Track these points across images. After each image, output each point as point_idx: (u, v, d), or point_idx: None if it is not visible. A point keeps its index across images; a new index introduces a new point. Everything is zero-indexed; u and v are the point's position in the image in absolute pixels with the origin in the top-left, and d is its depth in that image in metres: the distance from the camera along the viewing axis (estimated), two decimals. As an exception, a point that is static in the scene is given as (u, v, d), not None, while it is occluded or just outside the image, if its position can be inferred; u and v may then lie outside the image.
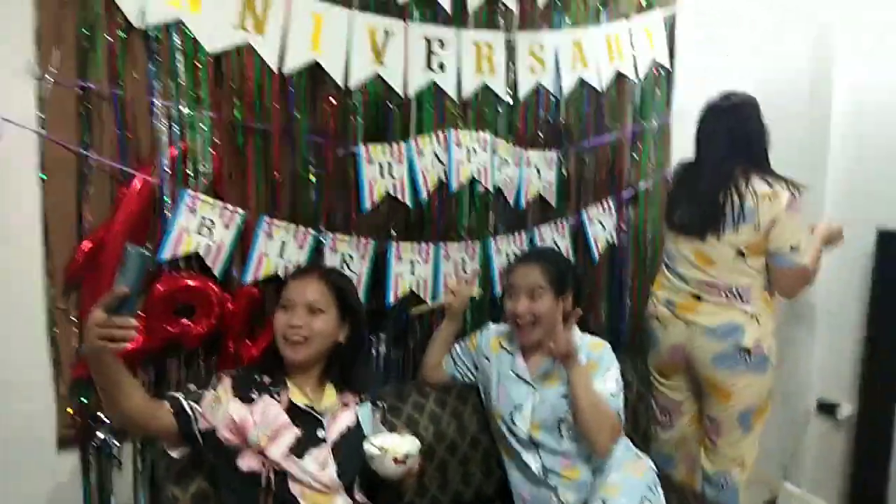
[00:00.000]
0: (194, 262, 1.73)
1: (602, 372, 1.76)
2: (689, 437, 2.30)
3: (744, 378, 2.06)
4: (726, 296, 2.07)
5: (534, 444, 1.76)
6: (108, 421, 1.68)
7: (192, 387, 1.50)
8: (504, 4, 2.07)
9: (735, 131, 2.07)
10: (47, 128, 1.57)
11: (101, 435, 1.68)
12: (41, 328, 1.63)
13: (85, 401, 1.67)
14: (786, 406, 2.71)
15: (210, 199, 1.72)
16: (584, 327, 1.90)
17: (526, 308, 1.79)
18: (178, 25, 1.65)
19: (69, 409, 1.66)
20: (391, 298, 1.99)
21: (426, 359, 2.01)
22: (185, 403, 1.44)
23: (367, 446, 1.44)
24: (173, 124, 1.68)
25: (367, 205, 1.93)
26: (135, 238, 1.64)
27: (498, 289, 2.16)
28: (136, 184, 1.64)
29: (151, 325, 1.68)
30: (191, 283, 1.71)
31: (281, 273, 1.83)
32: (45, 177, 1.58)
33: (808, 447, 2.71)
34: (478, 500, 1.92)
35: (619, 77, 2.36)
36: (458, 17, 2.01)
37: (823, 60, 2.64)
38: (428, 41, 1.97)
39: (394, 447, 1.43)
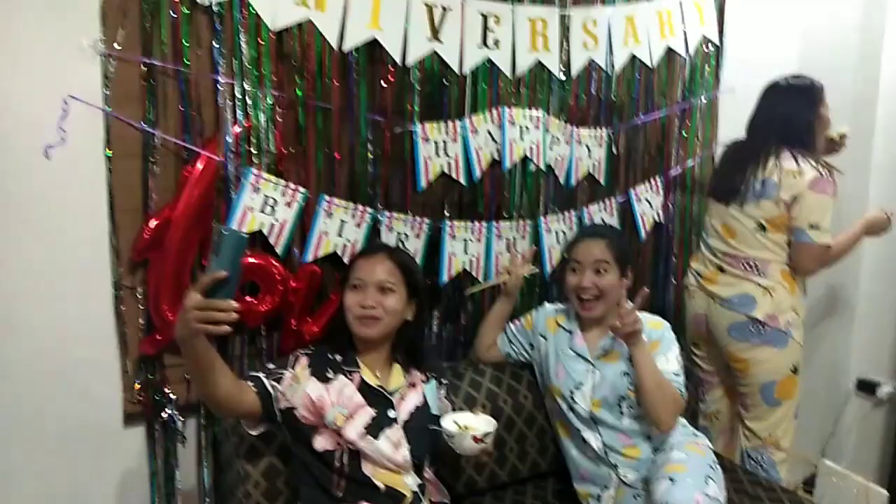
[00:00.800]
0: (257, 240, 1.73)
1: (664, 351, 1.76)
2: (723, 412, 2.35)
3: (760, 351, 2.09)
4: (744, 268, 2.12)
5: (594, 422, 1.78)
6: (173, 396, 1.71)
7: (271, 366, 1.51)
8: (560, -21, 2.05)
9: (782, 112, 2.09)
10: (112, 105, 1.57)
11: (167, 411, 1.71)
12: (108, 305, 1.65)
13: (151, 377, 1.69)
14: (826, 385, 2.72)
15: (273, 178, 1.72)
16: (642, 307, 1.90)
17: (591, 282, 1.78)
18: (242, 1, 1.64)
19: (136, 386, 1.68)
20: (445, 277, 2.00)
21: (480, 338, 2.02)
22: (266, 383, 1.45)
23: (447, 425, 1.46)
24: (237, 102, 1.68)
25: (423, 183, 1.93)
26: (201, 216, 1.66)
27: (549, 268, 2.17)
28: (201, 162, 1.64)
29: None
30: (255, 261, 1.71)
31: (339, 252, 1.84)
32: (110, 154, 1.59)
33: (848, 425, 2.72)
34: (533, 475, 1.94)
35: (670, 53, 2.33)
36: (514, -7, 1.99)
37: (872, 37, 2.58)
38: (484, 17, 1.94)
39: (474, 426, 1.44)
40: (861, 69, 2.59)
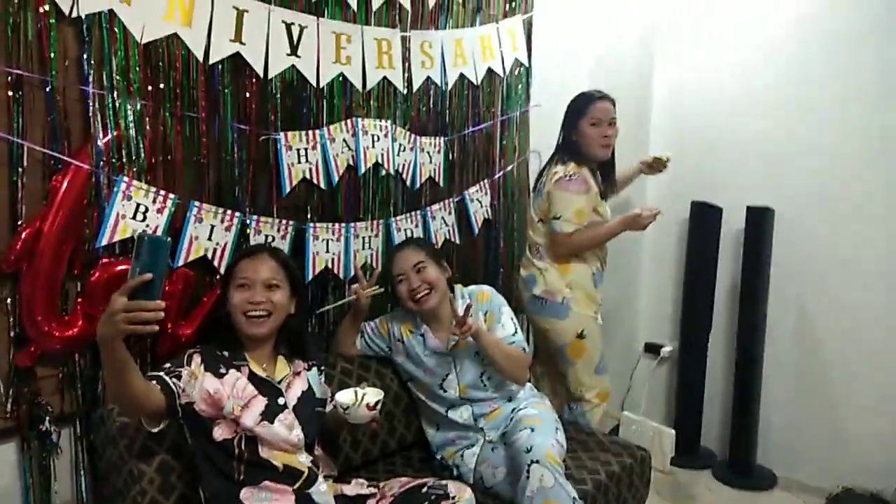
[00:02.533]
0: (129, 246, 1.76)
1: (498, 318, 2.10)
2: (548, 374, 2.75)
3: (546, 321, 2.50)
4: (531, 252, 2.58)
5: (464, 401, 2.06)
6: (49, 409, 1.70)
7: (167, 365, 1.57)
8: (400, 4, 2.29)
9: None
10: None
11: (43, 423, 1.69)
12: (-27, 319, 1.60)
13: (25, 389, 1.66)
14: (621, 349, 3.26)
15: (144, 185, 1.77)
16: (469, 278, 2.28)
17: (419, 281, 2.04)
18: (111, 14, 1.68)
19: (7, 399, 1.64)
20: (310, 275, 2.15)
21: (338, 345, 2.19)
22: (168, 381, 1.52)
23: (342, 397, 1.63)
24: (106, 112, 1.71)
25: (287, 188, 2.07)
26: (72, 226, 1.67)
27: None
28: (71, 171, 1.65)
29: (89, 312, 1.71)
30: (126, 268, 1.74)
31: (210, 255, 1.92)
32: (-28, 165, 1.55)
33: (641, 381, 3.29)
34: (401, 448, 2.17)
35: (490, 73, 2.68)
36: (363, 15, 2.20)
37: (646, 58, 3.17)
38: (336, 36, 2.13)
39: (366, 396, 1.63)
40: (637, 87, 3.16)
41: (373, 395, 1.65)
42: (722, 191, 3.00)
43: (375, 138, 2.28)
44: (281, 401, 1.66)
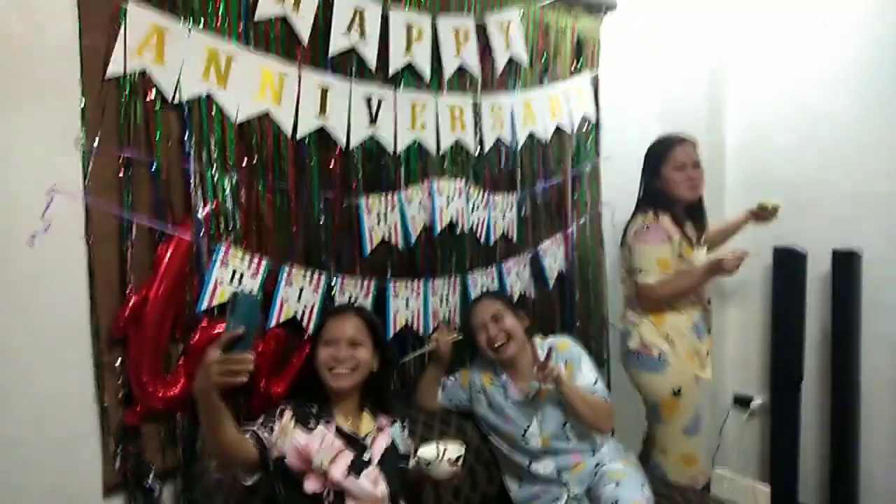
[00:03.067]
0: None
1: (578, 367, 2.12)
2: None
3: (642, 375, 2.44)
4: (627, 306, 2.53)
5: (546, 453, 2.06)
6: (152, 466, 1.81)
7: (261, 420, 1.66)
8: (470, 73, 2.41)
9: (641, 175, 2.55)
10: (92, 193, 1.70)
11: (147, 479, 1.80)
12: (89, 381, 1.73)
13: (130, 447, 1.78)
14: (708, 403, 3.16)
15: (239, 253, 1.90)
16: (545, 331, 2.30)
17: (497, 330, 2.10)
18: (209, 98, 1.85)
19: (116, 456, 1.76)
20: (391, 331, 2.23)
21: (420, 397, 2.25)
22: (261, 434, 1.61)
23: (425, 453, 1.67)
24: (205, 186, 1.86)
25: (368, 249, 2.18)
26: (175, 292, 1.81)
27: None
28: (174, 242, 1.80)
29: (193, 370, 1.82)
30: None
31: (299, 316, 2.03)
32: (89, 239, 1.71)
33: (731, 436, 3.17)
34: (483, 502, 2.17)
35: (558, 130, 2.75)
36: (436, 84, 2.32)
37: (716, 101, 3.16)
38: (412, 105, 2.26)
39: (447, 451, 1.66)
40: (708, 132, 3.14)
41: (454, 450, 1.67)
42: (805, 234, 2.92)
43: (450, 198, 2.37)
44: (366, 456, 1.71)
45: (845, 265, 2.76)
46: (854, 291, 2.76)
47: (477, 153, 2.47)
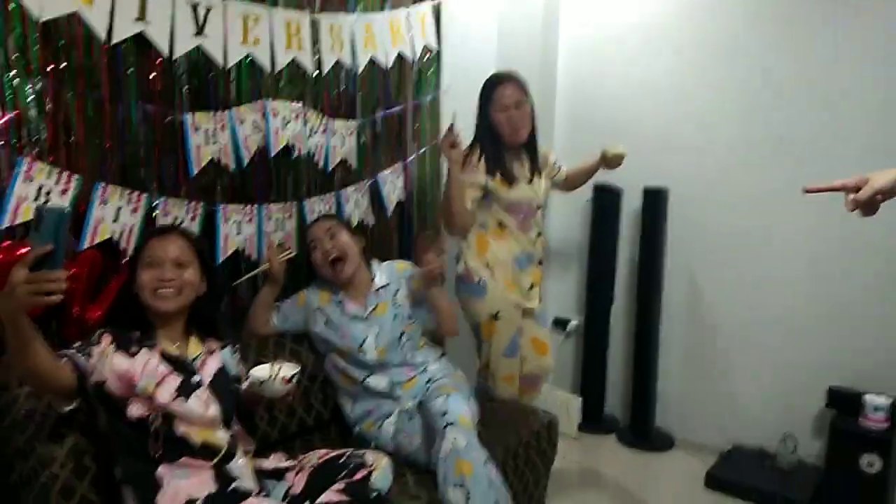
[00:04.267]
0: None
1: None
2: None
3: (464, 299, 2.55)
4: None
5: (382, 366, 2.13)
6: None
7: (76, 344, 1.55)
8: (310, -13, 2.32)
9: None
10: None
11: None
12: None
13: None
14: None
15: (46, 166, 1.73)
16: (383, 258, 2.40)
17: (330, 245, 2.16)
18: (5, -10, 1.63)
19: None
20: (220, 257, 2.15)
21: (253, 320, 2.22)
22: (78, 359, 1.51)
23: (258, 372, 1.66)
24: (3, 92, 1.66)
25: (195, 169, 2.06)
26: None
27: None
28: (-35, 151, 1.60)
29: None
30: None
31: (116, 237, 1.90)
32: None
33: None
34: (318, 424, 2.21)
35: (400, 58, 2.73)
36: (271, -3, 2.20)
37: (552, 37, 3.29)
38: (244, 17, 2.13)
39: (281, 370, 1.66)
40: (542, 67, 3.28)
41: (288, 368, 1.68)
42: (622, 173, 3.16)
43: (286, 120, 2.30)
44: (195, 378, 1.67)
45: (653, 201, 3.05)
46: (660, 225, 3.07)
47: (315, 75, 2.39)
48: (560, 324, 3.41)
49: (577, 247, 3.39)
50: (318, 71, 2.39)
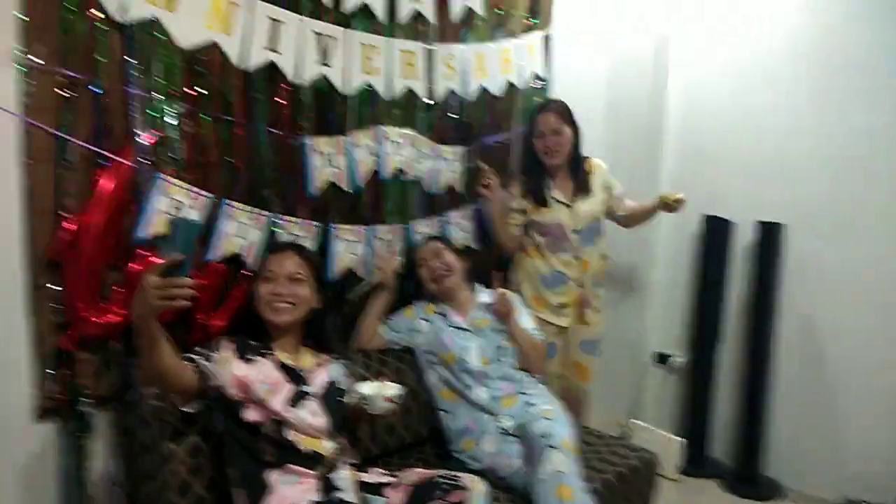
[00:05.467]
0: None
1: (520, 312, 2.33)
2: None
3: None
4: None
5: (484, 376, 2.18)
6: (87, 391, 1.79)
7: (199, 349, 1.67)
8: (425, 20, 2.40)
9: None
10: (28, 112, 1.64)
11: (82, 404, 1.78)
12: (20, 305, 1.70)
13: (65, 372, 1.76)
14: (630, 359, 3.33)
15: (180, 183, 1.87)
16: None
17: (437, 264, 2.29)
18: (154, 22, 1.79)
19: (49, 381, 1.74)
20: (333, 273, 2.25)
21: (363, 329, 2.30)
22: (200, 362, 1.61)
23: (363, 388, 1.72)
24: (148, 113, 1.82)
25: (314, 190, 2.17)
26: (113, 219, 1.77)
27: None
28: (114, 168, 1.76)
29: (131, 298, 1.80)
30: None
31: (240, 252, 2.02)
32: (26, 160, 1.66)
33: (650, 391, 3.35)
34: (416, 442, 2.25)
35: (510, 86, 2.77)
36: (390, 29, 2.31)
37: (661, 69, 3.24)
38: (366, 47, 2.24)
39: (384, 388, 1.72)
40: (651, 98, 3.23)
41: (392, 387, 1.73)
42: (734, 205, 3.07)
43: (399, 145, 2.38)
44: (306, 388, 1.75)
45: (769, 235, 2.93)
46: (775, 261, 2.93)
47: (428, 102, 2.47)
48: (661, 359, 3.30)
49: (682, 279, 3.29)
50: (431, 98, 2.47)
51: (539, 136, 2.55)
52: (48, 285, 1.72)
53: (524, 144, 2.66)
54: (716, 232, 3.07)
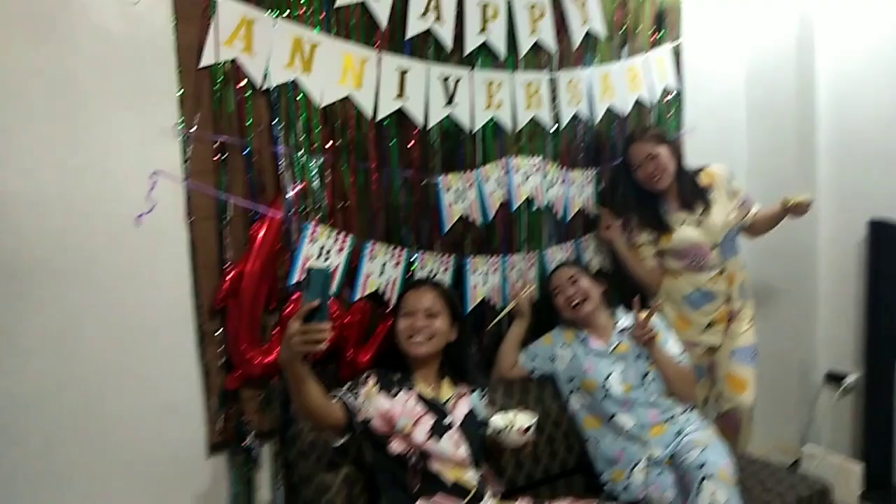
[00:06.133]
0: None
1: (665, 338, 2.22)
2: None
3: None
4: None
5: (628, 403, 2.12)
6: (252, 427, 1.96)
7: (347, 385, 1.78)
8: (547, 50, 2.43)
9: None
10: (191, 176, 1.85)
11: (247, 439, 1.95)
12: (192, 351, 1.90)
13: (231, 410, 1.94)
14: (799, 379, 3.07)
15: (326, 230, 2.01)
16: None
17: (573, 290, 2.25)
18: (294, 84, 1.95)
19: (218, 419, 1.92)
20: (469, 305, 2.30)
21: (502, 359, 2.32)
22: (347, 399, 1.72)
23: (496, 421, 1.74)
24: (293, 167, 1.98)
25: (447, 226, 2.25)
26: (268, 266, 1.94)
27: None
28: (267, 220, 1.93)
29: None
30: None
31: (381, 289, 2.13)
32: (191, 218, 1.86)
33: (822, 412, 3.07)
34: (563, 472, 2.22)
35: (638, 104, 2.71)
36: (511, 62, 2.35)
37: (807, 65, 3.01)
38: (489, 83, 2.30)
39: (519, 421, 1.73)
40: (797, 98, 3.00)
41: (524, 419, 1.73)
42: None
43: (527, 175, 2.41)
44: (447, 420, 1.79)
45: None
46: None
47: (553, 129, 2.48)
48: (834, 378, 3.02)
49: (850, 290, 3.00)
50: (556, 125, 2.48)
51: (636, 169, 2.47)
52: (214, 331, 1.91)
53: (624, 180, 2.55)
54: (885, 237, 2.79)
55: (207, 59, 1.83)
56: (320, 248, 2.01)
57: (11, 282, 1.66)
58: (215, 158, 1.88)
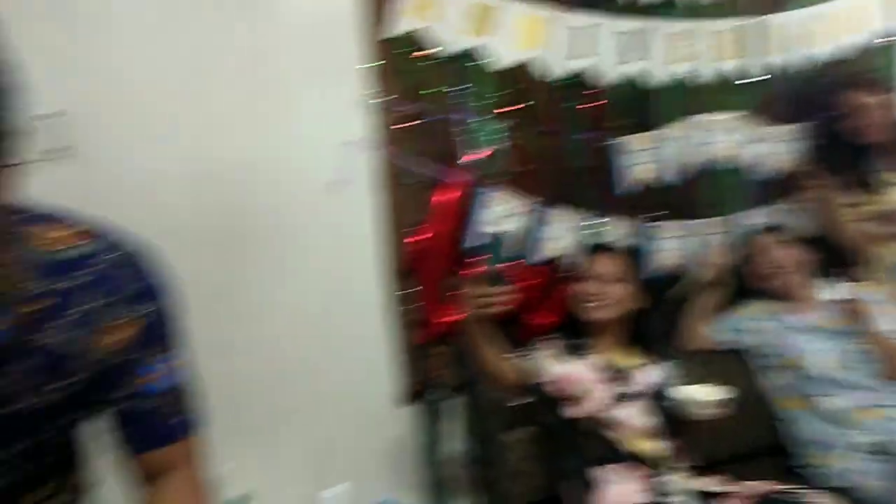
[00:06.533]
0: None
1: (879, 314, 1.97)
2: None
3: None
4: None
5: (829, 384, 1.95)
6: (437, 382, 2.05)
7: (525, 348, 1.81)
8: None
9: None
10: (378, 145, 1.94)
11: (433, 393, 2.05)
12: (379, 309, 2.02)
13: (420, 365, 2.04)
14: None
15: (508, 194, 2.03)
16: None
17: (772, 258, 2.08)
18: (476, 50, 1.98)
19: (409, 372, 2.04)
20: (650, 272, 2.21)
21: (689, 329, 2.19)
22: (525, 362, 1.75)
23: (685, 392, 1.67)
24: (475, 133, 2.02)
25: (627, 189, 2.17)
26: (454, 230, 2.00)
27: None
28: (452, 185, 1.99)
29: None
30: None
31: (563, 253, 2.11)
32: (381, 185, 1.96)
33: None
34: (752, 453, 2.07)
35: (845, 49, 2.41)
36: (694, 11, 2.20)
37: None
38: (674, 37, 2.16)
39: (709, 394, 1.65)
40: None
41: (717, 392, 1.65)
42: None
43: (718, 133, 2.25)
44: (629, 388, 1.76)
45: None
46: None
47: (748, 82, 2.29)
48: None
49: None
50: (751, 77, 2.28)
51: (846, 120, 2.22)
52: (403, 290, 2.01)
53: (831, 135, 2.30)
54: None
55: (390, 30, 1.90)
56: (502, 213, 2.03)
57: (234, 243, 1.84)
58: (401, 126, 1.96)
